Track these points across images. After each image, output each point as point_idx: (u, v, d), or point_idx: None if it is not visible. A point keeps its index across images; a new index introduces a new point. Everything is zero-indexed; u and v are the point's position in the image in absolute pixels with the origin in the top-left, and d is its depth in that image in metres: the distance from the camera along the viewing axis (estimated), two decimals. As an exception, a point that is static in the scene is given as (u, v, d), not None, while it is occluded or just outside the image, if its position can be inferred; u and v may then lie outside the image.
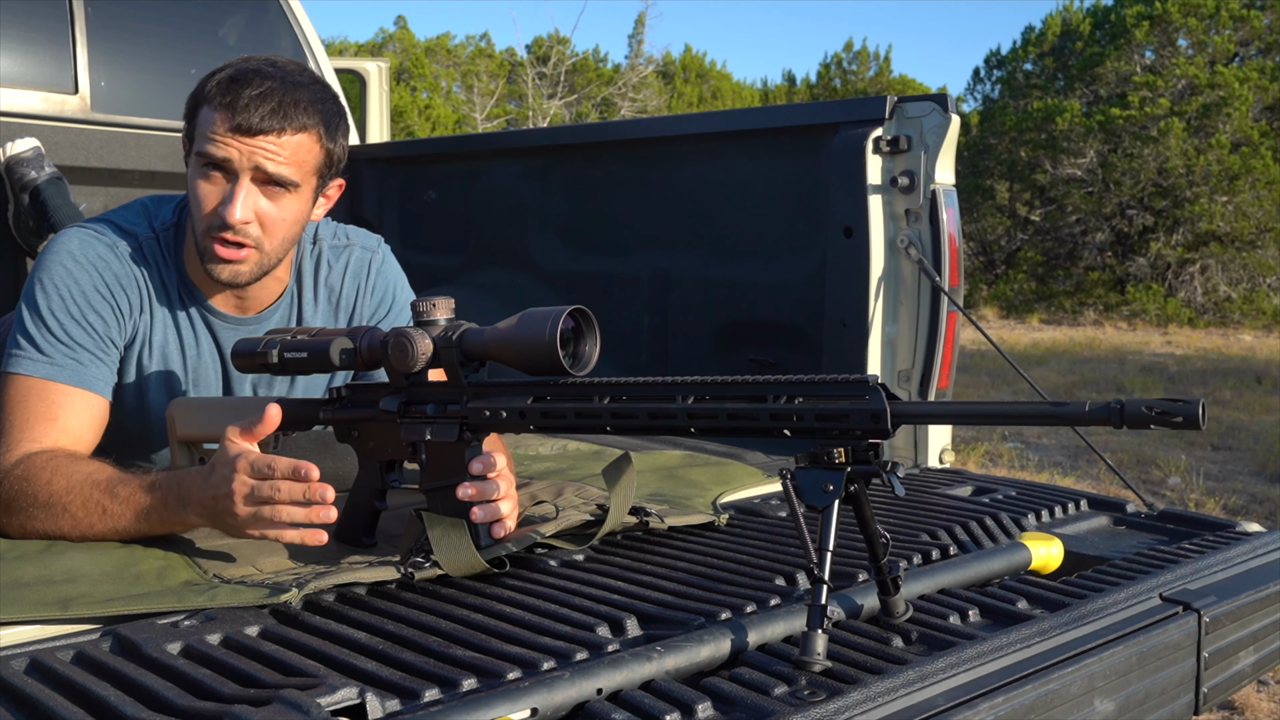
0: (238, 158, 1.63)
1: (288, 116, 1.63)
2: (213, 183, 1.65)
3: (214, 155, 1.63)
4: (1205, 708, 1.53)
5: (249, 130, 1.61)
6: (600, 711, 1.11)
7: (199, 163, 1.65)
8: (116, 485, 1.53)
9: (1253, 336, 13.46)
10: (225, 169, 1.64)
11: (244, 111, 1.60)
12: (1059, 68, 18.72)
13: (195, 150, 1.66)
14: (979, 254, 18.37)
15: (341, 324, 1.92)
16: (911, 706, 1.17)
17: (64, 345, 1.67)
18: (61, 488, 1.53)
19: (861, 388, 1.22)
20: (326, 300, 1.91)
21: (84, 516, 1.52)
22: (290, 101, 1.63)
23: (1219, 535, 1.85)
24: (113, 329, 1.72)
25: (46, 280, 1.69)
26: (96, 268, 1.71)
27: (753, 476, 2.14)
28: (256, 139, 1.62)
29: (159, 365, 1.79)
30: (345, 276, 1.92)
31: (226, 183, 1.65)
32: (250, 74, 1.63)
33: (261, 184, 1.66)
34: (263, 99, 1.61)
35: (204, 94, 1.65)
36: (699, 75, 24.93)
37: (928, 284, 2.30)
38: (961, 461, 5.55)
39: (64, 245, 1.71)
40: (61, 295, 1.68)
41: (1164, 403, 1.09)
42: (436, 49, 22.01)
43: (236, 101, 1.61)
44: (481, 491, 1.48)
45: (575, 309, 1.40)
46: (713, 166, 2.72)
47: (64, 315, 1.68)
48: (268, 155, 1.63)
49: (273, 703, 1.04)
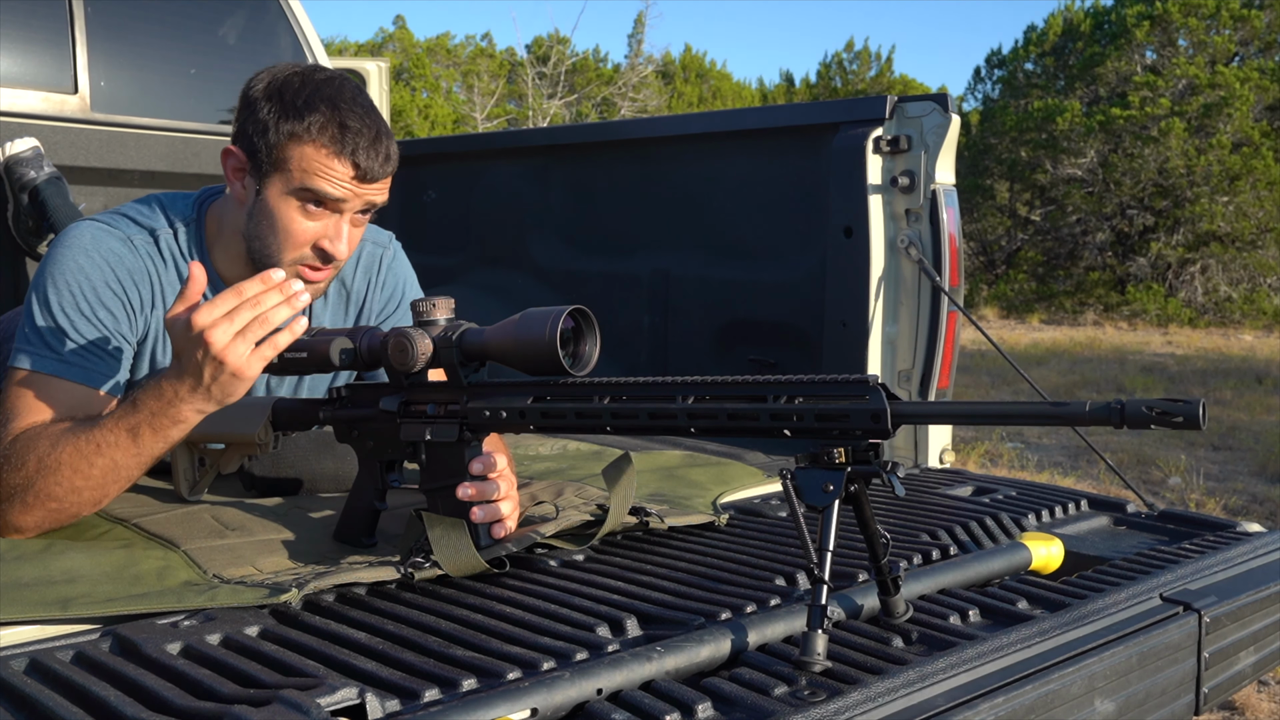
0: (352, 200, 1.66)
1: (391, 159, 1.68)
2: (312, 218, 1.67)
3: (329, 195, 1.64)
4: (1205, 708, 1.53)
5: (370, 179, 1.65)
6: (600, 711, 1.11)
7: (300, 196, 1.65)
8: (101, 420, 1.52)
9: (1253, 336, 13.46)
10: (331, 208, 1.67)
11: (368, 161, 1.63)
12: (1059, 68, 18.72)
13: (297, 185, 1.64)
14: (979, 254, 18.37)
15: (351, 318, 1.93)
16: (911, 706, 1.17)
17: (72, 341, 1.66)
18: (47, 448, 1.52)
19: (861, 388, 1.22)
20: (337, 294, 1.92)
21: (80, 463, 1.50)
22: (389, 139, 1.68)
23: (1219, 535, 1.85)
24: (123, 325, 1.72)
25: (58, 274, 1.68)
26: (109, 262, 1.70)
27: (753, 476, 2.14)
28: (372, 185, 1.66)
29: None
30: (356, 271, 1.93)
31: (327, 216, 1.67)
32: (353, 115, 1.64)
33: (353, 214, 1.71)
34: (375, 146, 1.64)
35: (306, 131, 1.62)
36: (699, 75, 24.92)
37: (928, 284, 2.30)
38: (961, 461, 5.55)
39: (76, 239, 1.70)
40: (72, 290, 1.67)
41: (1164, 403, 1.09)
42: (436, 49, 22.01)
43: (358, 152, 1.63)
44: (481, 491, 1.48)
45: (575, 309, 1.40)
46: (713, 166, 2.72)
47: (74, 311, 1.67)
48: (377, 192, 1.69)
49: (272, 703, 1.04)
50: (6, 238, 2.93)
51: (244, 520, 1.68)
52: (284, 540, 1.61)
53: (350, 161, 1.62)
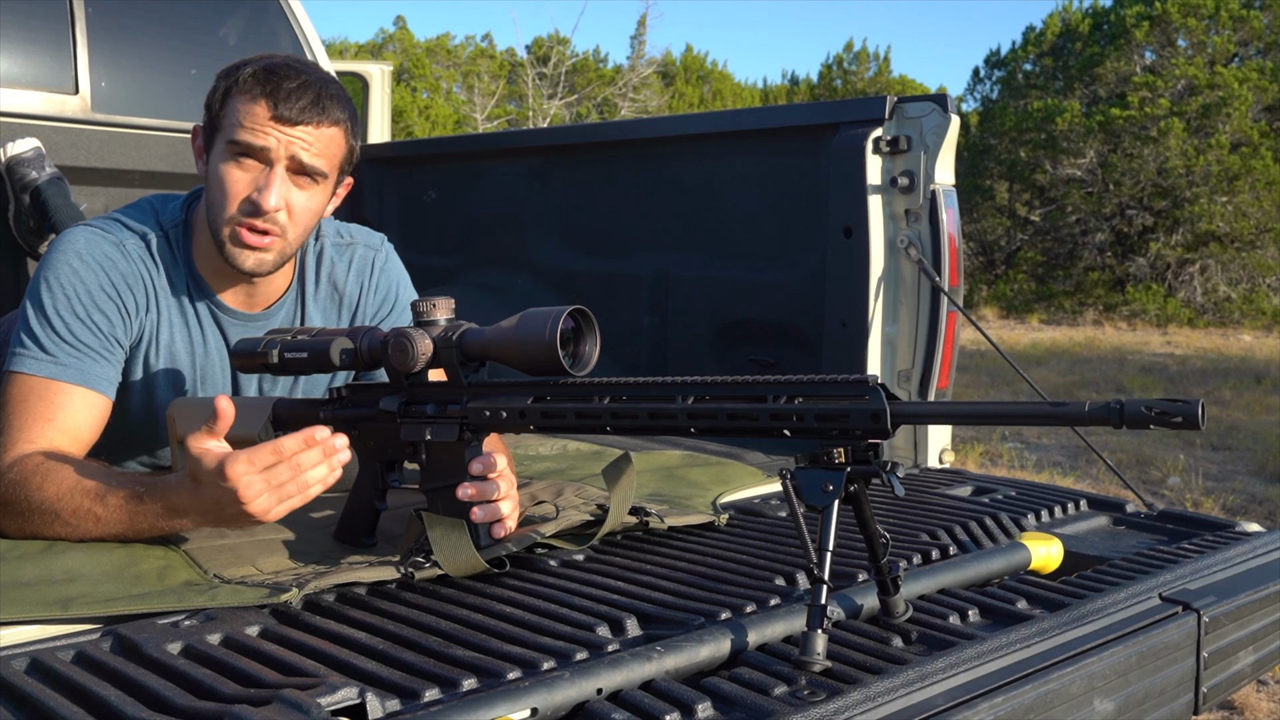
0: (275, 146, 1.65)
1: (325, 109, 1.66)
2: (244, 170, 1.67)
3: (252, 143, 1.64)
4: (1205, 708, 1.53)
5: (289, 120, 1.64)
6: (600, 711, 1.11)
7: (231, 150, 1.66)
8: (106, 494, 1.52)
9: (1252, 336, 13.46)
10: (259, 157, 1.66)
11: (285, 102, 1.63)
12: (1059, 68, 18.72)
13: (227, 139, 1.66)
14: (979, 254, 18.37)
15: (344, 321, 1.93)
16: (911, 706, 1.17)
17: (68, 345, 1.67)
18: (53, 494, 1.53)
19: (861, 388, 1.22)
20: (329, 297, 1.91)
21: (77, 523, 1.52)
22: (326, 95, 1.67)
23: (1218, 535, 1.85)
24: (118, 328, 1.72)
25: (52, 279, 1.69)
26: (103, 266, 1.71)
27: (753, 476, 2.14)
28: (295, 129, 1.65)
29: (166, 364, 1.80)
30: (349, 274, 1.92)
31: (259, 171, 1.67)
32: (285, 67, 1.66)
33: (293, 174, 1.68)
34: (302, 90, 1.64)
35: (236, 85, 1.65)
36: (700, 76, 24.92)
37: (928, 284, 2.30)
38: (961, 461, 5.55)
39: (70, 244, 1.71)
40: (67, 294, 1.68)
41: (1163, 403, 1.09)
42: (437, 49, 22.01)
43: (277, 92, 1.63)
44: (481, 492, 1.48)
45: (575, 309, 1.41)
46: (713, 167, 2.72)
47: (69, 314, 1.67)
48: (304, 145, 1.66)
49: (273, 703, 1.04)
50: (8, 238, 2.93)
51: (244, 520, 1.68)
52: (284, 540, 1.61)
53: (268, 102, 1.63)
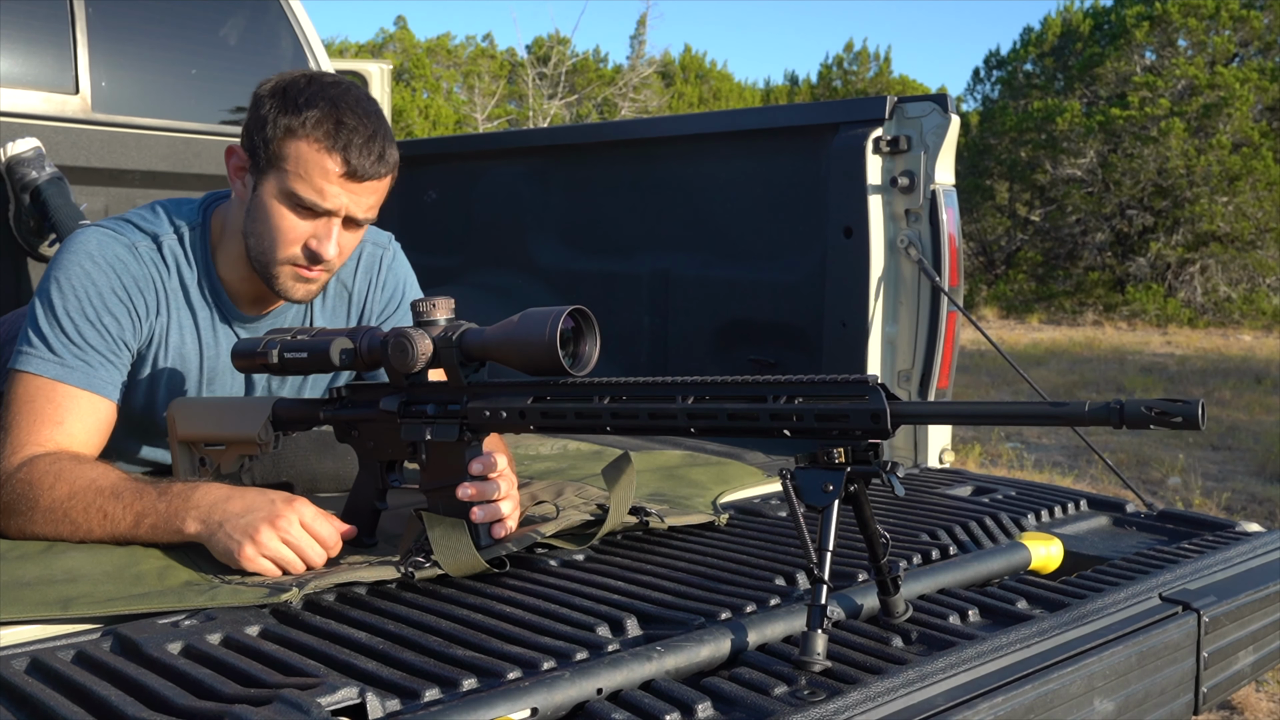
0: (340, 206, 1.64)
1: (386, 160, 1.65)
2: (304, 217, 1.66)
3: (318, 204, 1.63)
4: (1205, 708, 1.53)
5: (360, 177, 1.63)
6: (600, 711, 1.11)
7: (291, 199, 1.64)
8: (121, 490, 1.53)
9: (1252, 337, 13.46)
10: (320, 211, 1.65)
11: (359, 160, 1.61)
12: (1059, 68, 18.71)
13: (287, 186, 1.63)
14: (979, 254, 18.36)
15: (352, 319, 1.93)
16: (911, 706, 1.17)
17: (75, 346, 1.67)
18: (64, 494, 1.53)
19: (861, 388, 1.22)
20: (337, 295, 1.92)
21: (83, 522, 1.52)
22: (387, 142, 1.66)
23: (1218, 535, 1.85)
24: (127, 331, 1.72)
25: (63, 279, 1.68)
26: (115, 269, 1.71)
27: (753, 476, 2.14)
28: (363, 184, 1.64)
29: (175, 366, 1.80)
30: (357, 272, 1.93)
31: (315, 219, 1.66)
32: (352, 115, 1.62)
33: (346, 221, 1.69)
34: (369, 145, 1.62)
35: (302, 127, 1.61)
36: (699, 76, 24.91)
37: (928, 284, 2.30)
38: (961, 461, 5.54)
39: (82, 245, 1.71)
40: (78, 295, 1.68)
41: (1163, 403, 1.09)
42: (437, 49, 22.01)
43: (349, 149, 1.61)
44: (481, 492, 1.48)
45: (575, 309, 1.41)
46: (713, 167, 2.72)
47: (79, 316, 1.67)
48: (364, 202, 1.66)
49: (273, 702, 1.04)
50: (8, 238, 2.93)
51: (244, 520, 1.68)
52: (284, 540, 1.61)
53: (341, 157, 1.61)
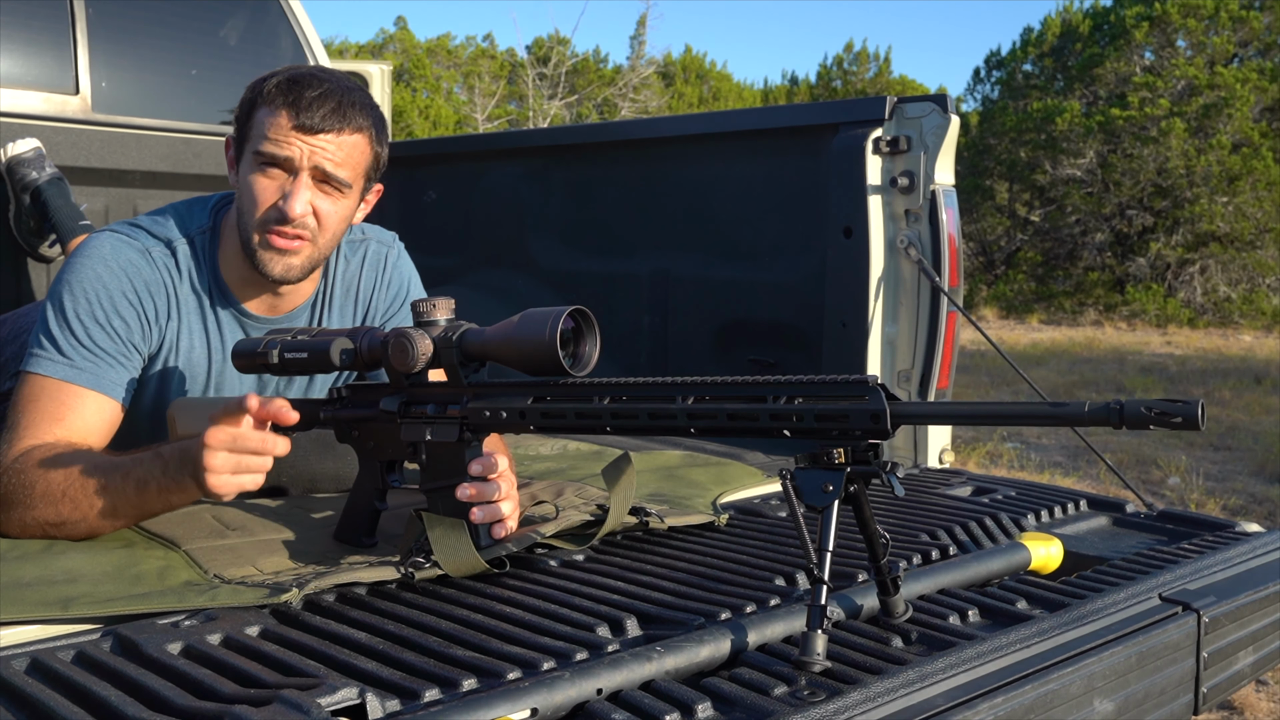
0: (299, 155, 1.66)
1: (346, 117, 1.67)
2: (271, 179, 1.68)
3: (276, 154, 1.66)
4: (1205, 708, 1.53)
5: (311, 129, 1.65)
6: (600, 711, 1.11)
7: (257, 160, 1.68)
8: (119, 461, 1.54)
9: (1252, 337, 13.46)
10: (284, 166, 1.67)
11: (307, 111, 1.64)
12: (1058, 68, 18.71)
13: (253, 149, 1.68)
14: (979, 254, 18.36)
15: (359, 318, 1.94)
16: (911, 706, 1.17)
17: (85, 349, 1.67)
18: (61, 475, 1.53)
19: (861, 388, 1.22)
20: (344, 295, 1.92)
21: (84, 499, 1.53)
22: (348, 103, 1.68)
23: (1218, 535, 1.85)
24: (136, 335, 1.73)
25: (75, 283, 1.69)
26: (127, 273, 1.72)
27: (753, 476, 2.14)
28: (317, 137, 1.66)
29: (184, 370, 1.80)
30: (362, 271, 1.94)
31: (284, 179, 1.68)
32: (308, 77, 1.68)
33: (318, 183, 1.70)
34: (323, 99, 1.66)
35: (261, 96, 1.67)
36: (699, 76, 24.91)
37: (927, 284, 2.30)
38: (961, 461, 5.55)
39: (96, 249, 1.72)
40: (89, 299, 1.69)
41: (1163, 403, 1.09)
42: (437, 50, 22.01)
43: (299, 101, 1.65)
44: (481, 492, 1.48)
45: (575, 309, 1.41)
46: (713, 167, 2.72)
47: (89, 319, 1.68)
48: (327, 154, 1.67)
49: (273, 703, 1.04)
50: (8, 238, 2.93)
51: (245, 520, 1.68)
52: (284, 540, 1.61)
53: (290, 111, 1.64)
